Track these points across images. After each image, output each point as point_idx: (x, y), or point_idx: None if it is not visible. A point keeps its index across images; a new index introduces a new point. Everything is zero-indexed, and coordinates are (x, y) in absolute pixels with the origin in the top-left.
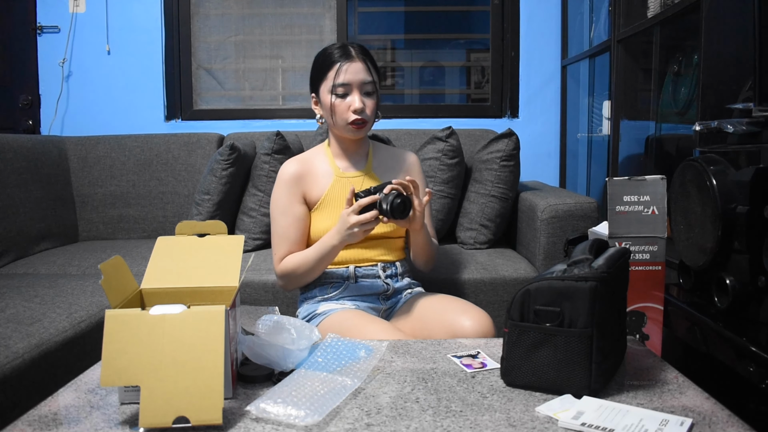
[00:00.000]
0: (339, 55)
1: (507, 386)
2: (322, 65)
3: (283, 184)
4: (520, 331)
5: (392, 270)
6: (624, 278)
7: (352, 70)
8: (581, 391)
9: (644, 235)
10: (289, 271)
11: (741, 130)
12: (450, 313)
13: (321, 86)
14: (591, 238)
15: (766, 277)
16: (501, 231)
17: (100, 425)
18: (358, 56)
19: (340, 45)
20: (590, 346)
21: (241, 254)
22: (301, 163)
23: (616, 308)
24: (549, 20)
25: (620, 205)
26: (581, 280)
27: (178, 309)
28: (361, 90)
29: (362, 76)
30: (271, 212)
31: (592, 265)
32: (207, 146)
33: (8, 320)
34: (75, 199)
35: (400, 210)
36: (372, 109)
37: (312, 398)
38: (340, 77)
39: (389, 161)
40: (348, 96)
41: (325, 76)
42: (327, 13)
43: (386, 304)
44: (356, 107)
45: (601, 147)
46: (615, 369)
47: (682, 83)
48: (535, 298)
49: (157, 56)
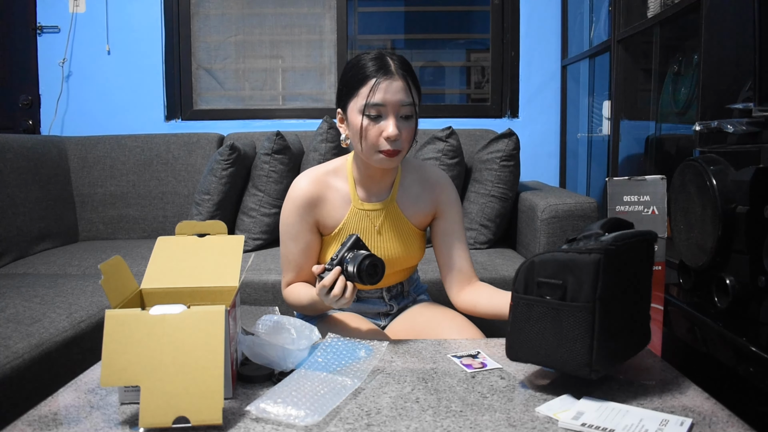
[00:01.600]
0: (375, 68)
1: (511, 360)
2: (353, 79)
3: (295, 209)
4: (524, 304)
5: (397, 289)
6: (641, 258)
7: (389, 89)
8: (581, 369)
9: None
10: (289, 302)
11: (741, 130)
12: (444, 330)
13: (350, 103)
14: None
15: (766, 277)
16: (501, 231)
17: (100, 425)
18: (398, 72)
19: (376, 55)
20: (592, 321)
21: (241, 254)
22: (317, 185)
23: (626, 286)
24: (549, 20)
25: (620, 205)
26: (585, 252)
27: (178, 309)
28: (397, 113)
29: (400, 97)
30: (281, 232)
31: (600, 238)
32: (207, 146)
33: (8, 320)
34: (75, 199)
35: (370, 273)
36: (409, 136)
37: (312, 398)
38: (375, 96)
39: (415, 188)
40: (381, 119)
41: (356, 92)
42: (327, 13)
43: (386, 321)
44: (389, 134)
45: (601, 147)
46: (626, 353)
47: (682, 83)
48: (539, 271)
49: (157, 56)
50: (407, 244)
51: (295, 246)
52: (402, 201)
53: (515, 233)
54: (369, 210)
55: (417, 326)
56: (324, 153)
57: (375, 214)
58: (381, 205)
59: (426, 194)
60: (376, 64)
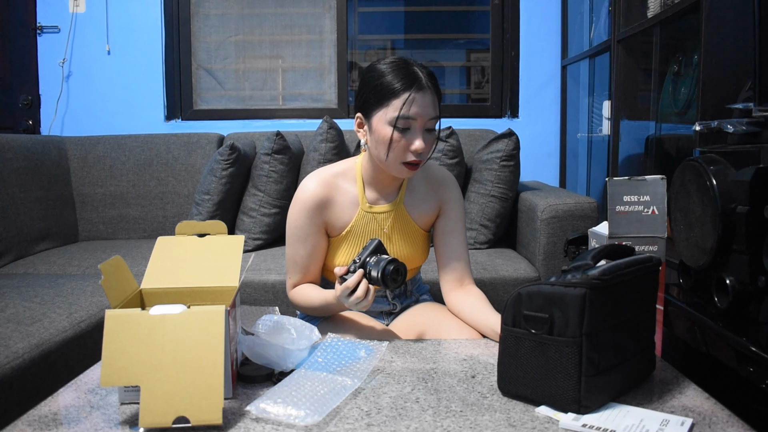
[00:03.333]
0: (409, 81)
1: (503, 395)
2: (384, 90)
3: (304, 211)
4: (512, 337)
5: (400, 289)
6: (639, 288)
7: (421, 104)
8: (569, 406)
9: (644, 235)
10: (297, 304)
11: (741, 130)
12: (444, 329)
13: (377, 112)
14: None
15: (766, 277)
16: (501, 231)
17: (100, 425)
18: (428, 86)
19: (404, 66)
20: (579, 357)
21: (241, 254)
22: (325, 187)
23: (619, 319)
24: (549, 20)
25: (620, 205)
26: (570, 286)
27: (178, 309)
28: (424, 126)
29: (430, 112)
30: (288, 234)
31: (587, 271)
32: (207, 146)
33: (8, 320)
34: (75, 199)
35: (394, 279)
36: (430, 148)
37: (312, 398)
38: (409, 110)
39: (422, 187)
40: (409, 132)
41: (387, 103)
42: (327, 13)
43: (389, 319)
44: (417, 147)
45: (601, 147)
46: (622, 387)
47: (682, 83)
48: (526, 304)
49: (157, 56)
50: (414, 246)
51: (303, 248)
52: (409, 203)
53: (515, 233)
54: (377, 212)
55: (418, 325)
56: (324, 153)
57: (383, 217)
58: (389, 207)
59: (431, 192)
60: (407, 76)
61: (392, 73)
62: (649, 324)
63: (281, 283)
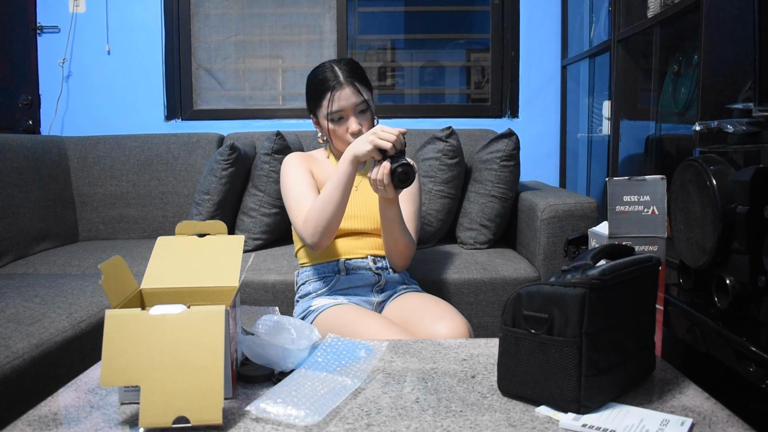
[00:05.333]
0: (327, 83)
1: (503, 395)
2: (315, 92)
3: (292, 165)
4: (512, 337)
5: (383, 262)
6: (639, 288)
7: (343, 97)
8: (569, 406)
9: (644, 235)
10: (314, 218)
11: (741, 130)
12: (428, 318)
13: (317, 112)
14: (605, 243)
15: (766, 277)
16: (501, 231)
17: (100, 425)
18: (346, 80)
19: (329, 66)
20: (579, 357)
21: (241, 254)
22: (305, 157)
23: (620, 319)
24: (549, 20)
25: (620, 205)
26: (570, 286)
27: (178, 309)
28: (355, 111)
29: (354, 100)
30: (288, 185)
31: (587, 271)
32: (207, 146)
33: (8, 320)
34: (75, 199)
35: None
36: (369, 124)
37: (312, 398)
38: (334, 105)
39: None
40: (344, 120)
41: (319, 104)
42: (327, 13)
43: (380, 297)
44: (353, 130)
45: (601, 147)
46: (622, 387)
47: (682, 83)
48: (525, 304)
49: (157, 56)
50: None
51: (302, 185)
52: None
53: (515, 233)
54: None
55: (406, 311)
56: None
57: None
58: (360, 175)
59: None
60: (327, 78)
61: (316, 78)
62: (649, 324)
63: (281, 283)
